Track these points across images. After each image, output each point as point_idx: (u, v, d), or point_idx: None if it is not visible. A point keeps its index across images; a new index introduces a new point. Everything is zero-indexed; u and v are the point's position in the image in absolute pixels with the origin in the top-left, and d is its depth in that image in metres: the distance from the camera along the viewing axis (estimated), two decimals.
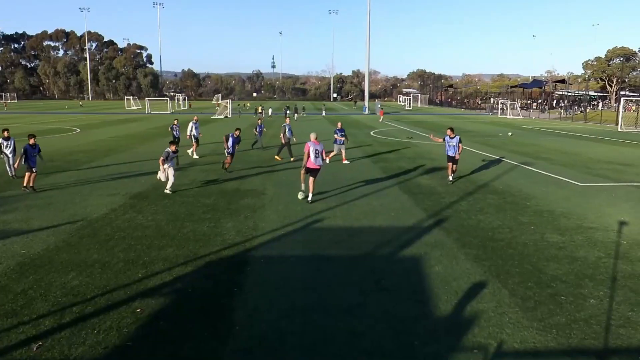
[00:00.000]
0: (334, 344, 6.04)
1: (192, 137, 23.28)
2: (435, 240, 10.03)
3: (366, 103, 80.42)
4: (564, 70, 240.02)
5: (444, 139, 16.42)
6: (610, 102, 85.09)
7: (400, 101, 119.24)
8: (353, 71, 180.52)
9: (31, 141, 14.86)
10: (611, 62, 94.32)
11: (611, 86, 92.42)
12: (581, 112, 68.33)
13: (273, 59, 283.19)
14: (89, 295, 7.36)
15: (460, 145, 16.13)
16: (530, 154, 24.75)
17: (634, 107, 52.69)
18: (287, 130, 21.98)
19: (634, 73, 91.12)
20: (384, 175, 17.84)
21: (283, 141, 21.84)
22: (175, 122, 25.56)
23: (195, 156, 22.61)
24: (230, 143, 18.00)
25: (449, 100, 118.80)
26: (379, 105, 75.29)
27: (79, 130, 38.80)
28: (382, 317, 6.73)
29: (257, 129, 25.90)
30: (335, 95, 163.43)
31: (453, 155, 16.13)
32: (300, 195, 13.68)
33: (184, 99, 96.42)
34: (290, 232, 10.64)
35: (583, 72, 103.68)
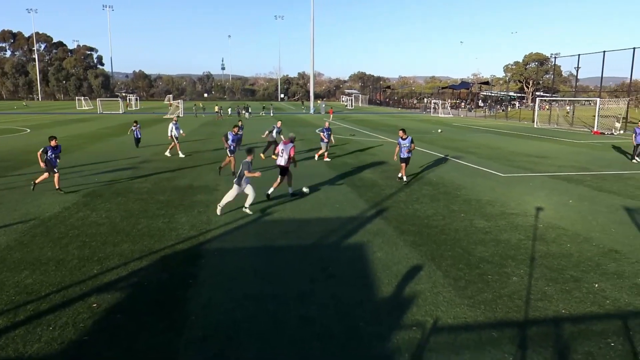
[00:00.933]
0: (286, 330, 6.05)
1: (174, 137, 22.30)
2: (377, 229, 10.21)
3: (311, 103, 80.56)
4: (487, 73, 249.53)
5: (398, 144, 15.43)
6: (527, 102, 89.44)
7: (342, 101, 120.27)
8: (299, 73, 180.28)
9: (52, 142, 13.84)
10: (528, 66, 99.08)
11: (528, 87, 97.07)
12: (503, 110, 71.43)
13: (223, 61, 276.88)
14: (43, 293, 6.99)
15: (412, 144, 15.40)
16: (459, 148, 25.62)
17: (547, 106, 55.60)
18: (274, 131, 20.86)
19: (547, 76, 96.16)
20: (329, 170, 17.96)
21: (268, 139, 21.12)
22: (135, 123, 24.70)
23: (181, 155, 21.78)
24: (230, 142, 16.73)
25: (387, 100, 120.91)
26: (324, 105, 75.60)
27: (29, 130, 36.63)
28: (330, 302, 6.79)
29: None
30: (282, 95, 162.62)
31: (407, 157, 15.34)
32: (304, 189, 13.48)
33: (136, 100, 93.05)
34: (242, 225, 10.53)
35: (504, 74, 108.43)
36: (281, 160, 13.16)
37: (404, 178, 15.54)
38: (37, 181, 13.97)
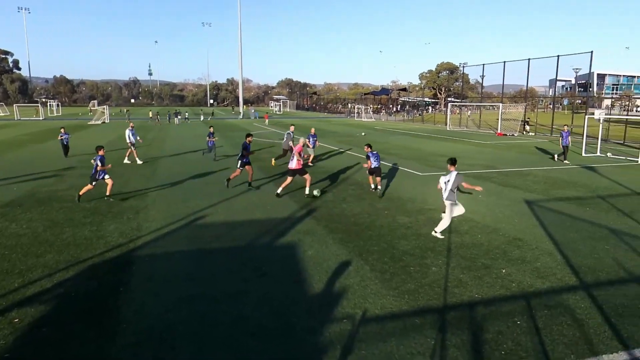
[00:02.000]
0: (221, 329, 5.91)
1: (130, 143, 20.81)
2: (307, 228, 10.27)
3: (241, 109, 79.48)
4: (405, 80, 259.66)
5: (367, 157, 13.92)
6: (441, 107, 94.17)
7: (271, 107, 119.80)
8: (228, 79, 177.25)
9: (101, 152, 12.70)
10: (440, 74, 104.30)
11: (441, 94, 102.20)
12: (419, 115, 74.68)
13: (150, 66, 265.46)
14: None
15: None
16: (382, 150, 26.42)
17: (457, 111, 58.89)
18: (291, 137, 19.42)
19: (457, 83, 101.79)
20: (260, 173, 17.80)
21: (285, 148, 19.40)
22: (62, 130, 22.91)
23: (138, 161, 20.43)
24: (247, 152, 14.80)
25: (314, 105, 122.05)
26: (253, 110, 74.86)
27: None
28: (264, 300, 6.74)
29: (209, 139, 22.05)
30: (212, 101, 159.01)
31: (378, 167, 13.82)
32: (315, 192, 13.51)
33: (57, 105, 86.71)
34: (174, 230, 10.15)
35: (419, 82, 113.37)
36: (291, 164, 13.41)
37: (378, 188, 14.13)
38: (81, 191, 12.83)
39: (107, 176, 12.89)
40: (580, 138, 28.58)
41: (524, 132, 41.09)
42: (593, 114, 31.65)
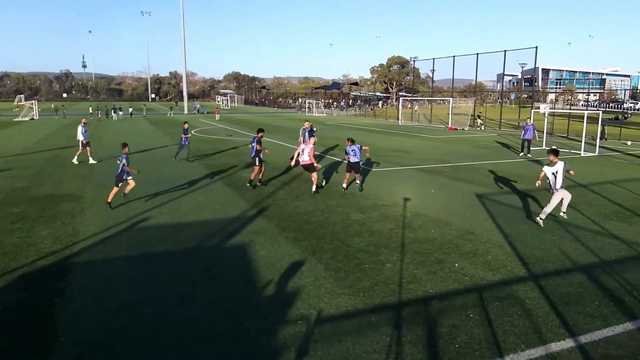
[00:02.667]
0: (169, 334, 5.77)
1: (83, 142, 19.59)
2: (258, 228, 10.21)
3: (185, 104, 77.61)
4: (356, 74, 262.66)
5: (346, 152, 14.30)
6: (392, 101, 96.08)
7: (218, 101, 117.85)
8: (170, 72, 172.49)
9: (125, 150, 11.98)
10: (391, 68, 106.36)
11: (392, 88, 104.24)
12: (371, 109, 75.90)
13: (83, 58, 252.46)
14: None
15: (363, 147, 14.47)
16: (333, 146, 26.66)
17: (409, 105, 60.34)
18: (306, 134, 18.44)
19: (408, 77, 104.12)
20: (208, 172, 17.50)
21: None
22: None
23: (92, 161, 19.34)
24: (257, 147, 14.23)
25: (263, 100, 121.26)
26: (199, 106, 73.30)
27: None
28: (214, 302, 6.64)
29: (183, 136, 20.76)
30: (153, 95, 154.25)
31: (357, 161, 14.06)
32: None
33: None
34: (114, 233, 9.79)
35: (371, 76, 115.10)
36: (302, 158, 13.76)
37: (357, 181, 14.43)
38: (110, 198, 11.94)
39: (130, 177, 12.07)
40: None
41: (480, 127, 42.72)
42: (539, 108, 33.38)
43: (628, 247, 9.03)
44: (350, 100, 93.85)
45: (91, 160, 19.60)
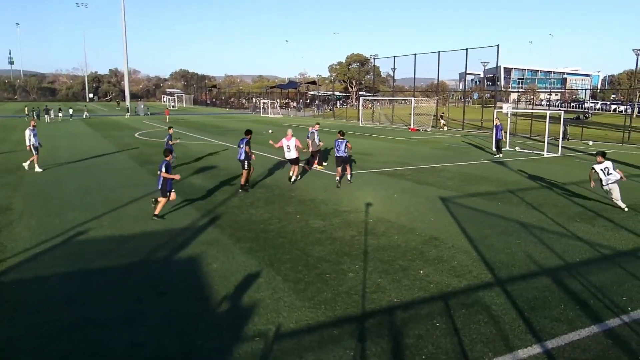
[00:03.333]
0: (112, 359, 5.58)
1: (32, 147, 18.35)
2: (211, 238, 10.06)
3: (128, 104, 75.62)
4: (314, 72, 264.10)
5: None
6: (352, 101, 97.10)
7: (164, 101, 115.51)
8: (110, 70, 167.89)
9: (168, 158, 11.71)
10: (350, 66, 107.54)
11: (352, 87, 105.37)
12: (330, 110, 76.44)
13: (10, 53, 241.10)
14: None
15: (347, 144, 15.87)
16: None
17: (370, 105, 61.20)
18: (315, 137, 18.97)
19: (368, 76, 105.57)
20: (153, 178, 17.08)
21: (311, 149, 18.76)
22: None
23: (37, 169, 18.24)
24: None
25: (214, 100, 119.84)
26: (142, 106, 71.63)
27: None
28: (163, 321, 6.48)
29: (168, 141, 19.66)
30: (91, 95, 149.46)
31: (342, 156, 15.74)
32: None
33: None
34: (48, 248, 9.39)
35: (329, 74, 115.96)
36: (291, 154, 15.90)
37: (348, 176, 16.45)
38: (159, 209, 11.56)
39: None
40: (490, 133, 31.12)
41: (444, 127, 43.76)
42: (501, 108, 34.59)
43: (591, 249, 9.48)
44: (308, 100, 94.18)
45: (37, 168, 18.53)
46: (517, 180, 17.17)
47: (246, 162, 14.65)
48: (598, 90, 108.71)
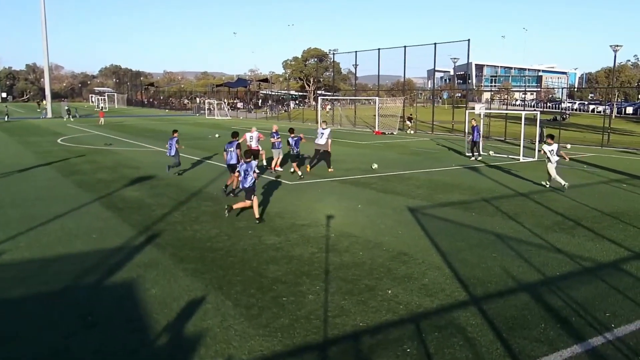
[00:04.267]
0: None
1: None
2: (149, 260, 9.87)
3: (48, 105, 73.34)
4: (266, 69, 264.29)
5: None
6: (310, 101, 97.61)
7: (92, 102, 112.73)
8: (28, 65, 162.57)
9: (248, 160, 12.98)
10: (307, 62, 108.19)
11: (309, 86, 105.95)
12: (285, 111, 76.54)
13: None
14: None
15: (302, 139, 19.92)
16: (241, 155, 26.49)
17: (329, 106, 61.67)
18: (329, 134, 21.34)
19: (327, 73, 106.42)
20: (80, 191, 16.64)
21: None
22: None
23: None
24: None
25: (152, 100, 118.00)
26: (67, 107, 69.65)
27: None
28: (94, 358, 6.28)
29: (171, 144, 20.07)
30: (4, 95, 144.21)
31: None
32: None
33: None
34: None
35: (284, 71, 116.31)
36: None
37: (297, 172, 19.39)
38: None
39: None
40: (462, 135, 31.94)
41: (409, 130, 44.50)
42: (473, 108, 35.53)
43: (572, 261, 9.84)
44: (260, 100, 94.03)
45: None
46: (491, 187, 17.67)
47: (238, 165, 15.24)
48: (575, 89, 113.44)
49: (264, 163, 22.25)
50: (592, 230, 12.04)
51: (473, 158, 25.29)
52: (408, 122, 45.58)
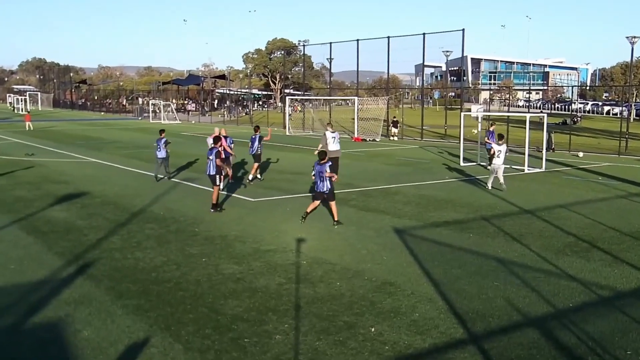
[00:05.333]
0: None
1: None
2: (79, 295, 9.71)
3: None
4: (223, 63, 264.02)
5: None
6: (276, 102, 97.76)
7: (9, 103, 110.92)
8: None
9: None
10: (273, 55, 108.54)
11: (275, 84, 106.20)
12: (246, 113, 76.46)
13: None
14: None
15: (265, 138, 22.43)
16: (194, 167, 26.35)
17: (299, 107, 61.88)
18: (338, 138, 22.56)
19: (297, 69, 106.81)
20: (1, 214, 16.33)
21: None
22: None
23: None
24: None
25: (84, 100, 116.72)
26: None
27: None
28: None
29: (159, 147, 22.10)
30: None
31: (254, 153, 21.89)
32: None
33: None
34: None
35: (244, 66, 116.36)
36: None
37: (258, 176, 21.70)
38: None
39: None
40: (457, 142, 32.34)
41: (393, 137, 44.63)
42: (470, 110, 36.03)
43: (586, 290, 9.98)
44: (216, 101, 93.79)
45: None
46: (492, 203, 17.88)
47: (217, 177, 16.22)
48: (588, 88, 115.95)
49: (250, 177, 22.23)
50: (609, 253, 12.25)
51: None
52: (394, 129, 45.25)
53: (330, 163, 14.67)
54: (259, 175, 22.40)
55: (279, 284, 10.35)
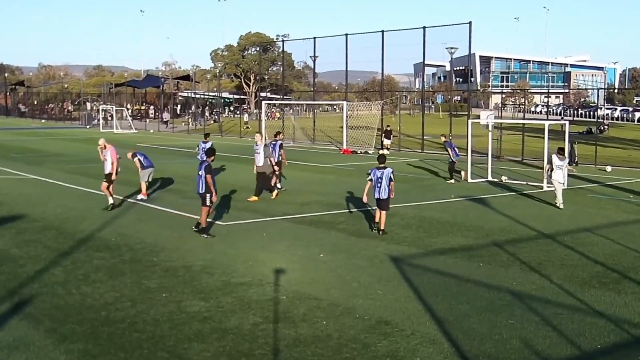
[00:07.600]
0: None
1: None
2: (14, 339, 9.61)
3: None
4: (188, 62, 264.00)
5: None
6: (251, 108, 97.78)
7: None
8: None
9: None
10: (246, 52, 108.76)
11: (249, 86, 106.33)
12: (215, 121, 76.35)
13: None
14: None
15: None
16: (151, 184, 26.20)
17: (278, 114, 61.93)
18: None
19: (275, 68, 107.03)
20: None
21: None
22: None
23: None
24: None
25: (21, 105, 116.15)
26: None
27: None
28: None
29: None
30: None
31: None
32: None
33: None
34: None
35: (213, 65, 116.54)
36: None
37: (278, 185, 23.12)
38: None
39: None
40: (464, 155, 32.41)
41: (385, 149, 44.60)
42: (478, 117, 36.20)
43: (617, 329, 10.00)
44: (179, 106, 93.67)
45: None
46: (505, 226, 17.93)
47: (207, 196, 16.55)
48: (616, 91, 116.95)
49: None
50: None
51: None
52: (386, 140, 44.43)
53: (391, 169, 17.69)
54: (278, 185, 23.95)
55: (254, 323, 10.29)
